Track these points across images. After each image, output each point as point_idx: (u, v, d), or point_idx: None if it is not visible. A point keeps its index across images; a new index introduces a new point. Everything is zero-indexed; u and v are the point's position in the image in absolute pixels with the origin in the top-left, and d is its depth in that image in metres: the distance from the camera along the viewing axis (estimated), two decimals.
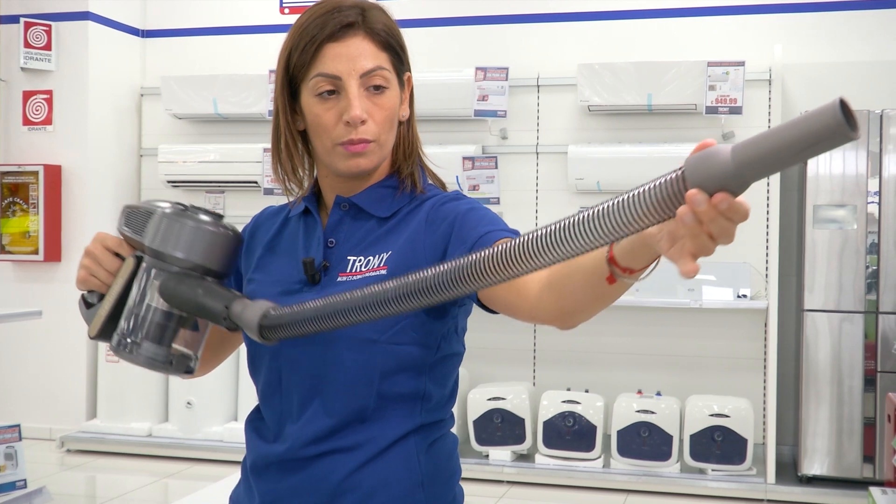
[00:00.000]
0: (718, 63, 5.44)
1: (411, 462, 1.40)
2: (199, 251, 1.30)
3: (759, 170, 0.86)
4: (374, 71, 1.40)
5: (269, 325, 1.21)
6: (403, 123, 1.49)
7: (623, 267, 1.08)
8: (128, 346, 1.33)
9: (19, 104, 6.34)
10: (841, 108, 0.80)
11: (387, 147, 1.44)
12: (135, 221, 1.38)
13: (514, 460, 5.40)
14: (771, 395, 5.23)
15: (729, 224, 0.90)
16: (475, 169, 5.77)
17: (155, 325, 1.32)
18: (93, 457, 5.90)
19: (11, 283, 6.35)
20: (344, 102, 1.39)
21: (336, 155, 1.41)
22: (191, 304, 1.30)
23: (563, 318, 1.24)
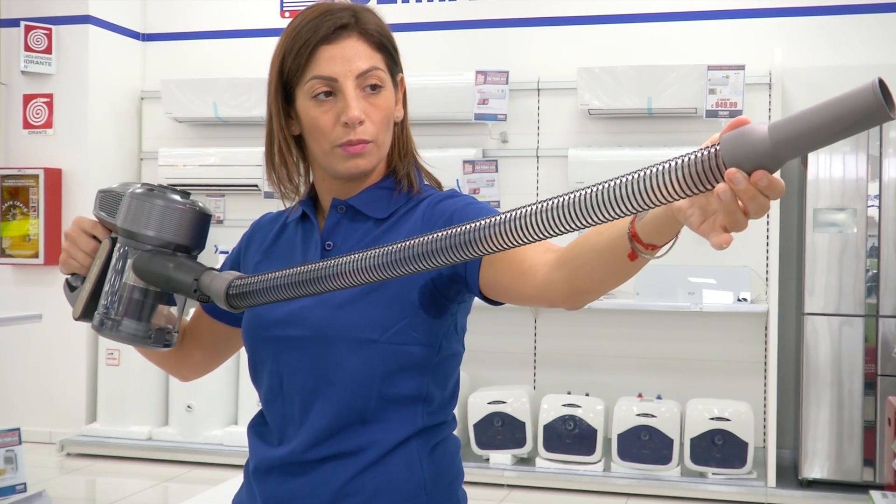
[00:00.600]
0: (718, 67, 5.44)
1: (414, 466, 1.40)
2: (168, 228, 1.35)
3: (796, 149, 0.87)
4: (370, 71, 1.40)
5: (235, 293, 1.26)
6: (397, 124, 1.49)
7: (646, 243, 1.08)
8: (109, 324, 1.39)
9: (20, 107, 6.35)
10: (880, 88, 0.81)
11: (384, 147, 1.44)
12: (107, 204, 1.43)
13: (515, 464, 5.40)
14: (771, 399, 5.22)
15: (766, 200, 0.91)
16: (475, 172, 5.77)
17: (133, 301, 1.38)
18: (93, 460, 5.90)
19: (11, 286, 6.34)
20: (341, 104, 1.39)
21: (335, 157, 1.41)
22: (162, 279, 1.35)
23: (574, 296, 1.23)
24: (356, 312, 1.37)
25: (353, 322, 1.37)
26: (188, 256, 1.38)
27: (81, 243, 1.44)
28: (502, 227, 1.02)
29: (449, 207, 1.41)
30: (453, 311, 1.44)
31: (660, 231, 1.06)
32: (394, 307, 1.37)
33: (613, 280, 1.19)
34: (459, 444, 1.52)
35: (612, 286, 1.21)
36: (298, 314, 1.40)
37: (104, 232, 1.45)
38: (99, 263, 1.42)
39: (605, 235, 1.13)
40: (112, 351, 6.01)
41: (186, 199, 1.38)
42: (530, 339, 5.95)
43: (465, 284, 1.37)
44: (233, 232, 6.08)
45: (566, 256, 1.22)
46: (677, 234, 1.07)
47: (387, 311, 1.37)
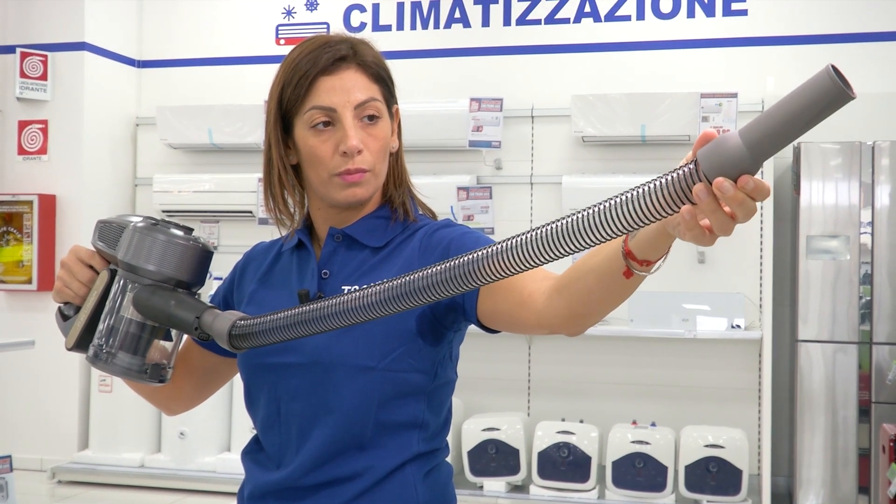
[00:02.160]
0: (711, 94, 5.48)
1: (409, 492, 1.40)
2: (170, 264, 1.35)
3: (770, 146, 0.91)
4: (368, 102, 1.42)
5: (238, 335, 1.26)
6: (392, 155, 1.51)
7: (640, 260, 1.10)
8: (103, 357, 1.37)
9: (14, 134, 6.36)
10: (835, 73, 0.85)
11: (381, 177, 1.46)
12: (108, 235, 1.42)
13: (509, 491, 5.37)
14: (766, 426, 5.22)
15: (753, 203, 0.94)
16: (470, 199, 5.78)
17: (129, 335, 1.36)
18: (84, 488, 5.86)
19: (4, 312, 6.32)
20: (340, 133, 1.41)
21: (332, 186, 1.43)
22: (163, 315, 1.34)
23: (574, 321, 1.24)
24: (354, 340, 1.38)
25: (351, 349, 1.38)
26: (188, 293, 1.38)
27: (78, 273, 1.43)
28: (500, 256, 1.03)
29: (446, 237, 1.42)
30: (449, 339, 1.45)
31: (654, 246, 1.08)
32: (391, 335, 1.38)
33: (611, 300, 1.19)
34: (452, 472, 1.53)
35: (610, 307, 1.22)
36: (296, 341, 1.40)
37: (102, 263, 1.44)
38: (96, 295, 1.41)
39: (601, 256, 1.15)
40: (105, 378, 5.99)
41: (189, 234, 1.38)
42: (524, 366, 5.95)
43: (462, 313, 1.38)
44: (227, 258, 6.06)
45: (564, 281, 1.23)
46: (669, 248, 1.09)
47: (385, 339, 1.38)
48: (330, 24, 6.39)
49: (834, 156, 5.19)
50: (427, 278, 1.07)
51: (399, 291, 1.09)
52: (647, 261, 1.10)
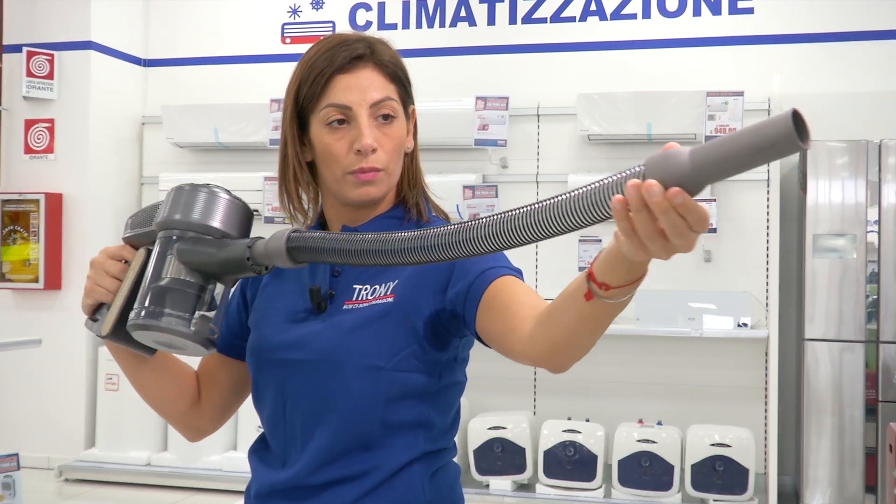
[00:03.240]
0: (718, 93, 5.47)
1: (416, 491, 1.40)
2: (213, 215, 1.29)
3: (714, 172, 0.91)
4: (383, 101, 1.43)
5: (295, 246, 1.19)
6: (407, 155, 1.51)
7: (599, 282, 1.08)
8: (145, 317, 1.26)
9: (21, 132, 6.37)
10: (794, 119, 0.85)
11: (395, 176, 1.46)
12: (141, 219, 1.39)
13: (515, 490, 5.37)
14: (772, 425, 5.21)
15: (681, 222, 0.91)
16: (475, 198, 5.78)
17: (175, 292, 1.27)
18: (91, 486, 5.87)
19: (11, 311, 6.34)
20: (354, 132, 1.41)
21: (346, 184, 1.43)
22: (212, 259, 1.27)
23: (554, 353, 1.23)
24: (364, 339, 1.38)
25: (360, 348, 1.37)
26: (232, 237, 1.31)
27: (109, 268, 1.39)
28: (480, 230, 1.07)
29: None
30: (455, 345, 1.46)
31: (610, 265, 1.06)
32: (400, 335, 1.38)
33: (584, 329, 1.17)
34: (459, 472, 1.53)
35: (585, 338, 1.19)
36: (305, 339, 1.41)
37: (133, 253, 1.40)
38: (132, 276, 1.36)
39: (576, 281, 1.14)
40: (111, 376, 6.00)
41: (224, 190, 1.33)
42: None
43: (463, 323, 1.38)
44: None
45: (545, 311, 1.22)
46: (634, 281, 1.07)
47: (393, 339, 1.38)
48: (336, 23, 6.39)
49: (841, 154, 5.17)
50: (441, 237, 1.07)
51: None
52: (605, 284, 1.08)
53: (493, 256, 1.38)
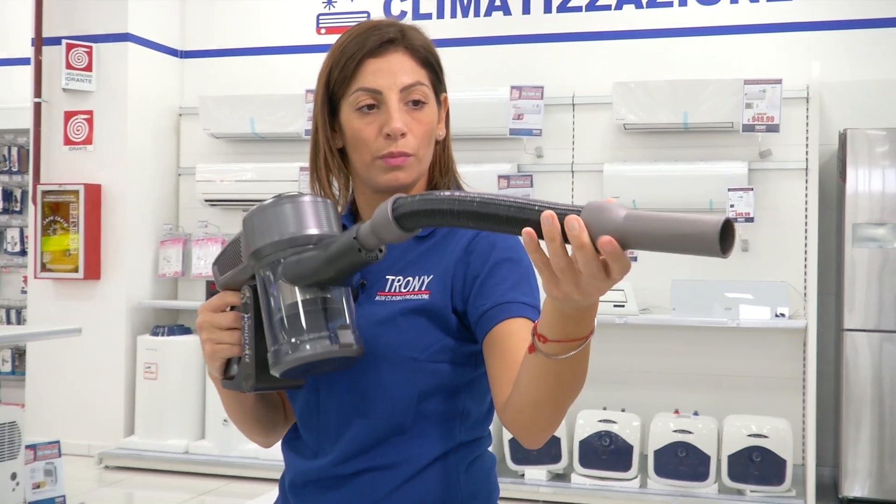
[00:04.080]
0: (755, 81, 5.41)
1: (451, 481, 1.39)
2: (298, 223, 1.23)
3: (637, 242, 0.95)
4: (414, 86, 1.41)
5: (403, 213, 1.11)
6: (439, 143, 1.50)
7: (538, 333, 1.11)
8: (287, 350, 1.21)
9: (61, 124, 6.44)
10: (723, 228, 0.90)
11: (425, 162, 1.45)
12: (228, 260, 1.35)
13: (550, 480, 5.37)
14: (810, 416, 5.16)
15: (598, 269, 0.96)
16: (510, 187, 5.77)
17: (301, 315, 1.22)
18: (131, 473, 5.95)
19: (52, 300, 6.42)
20: (384, 116, 1.40)
21: (375, 169, 1.42)
22: (321, 264, 1.20)
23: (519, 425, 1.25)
24: (398, 331, 1.36)
25: (394, 340, 1.36)
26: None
27: (219, 321, 1.35)
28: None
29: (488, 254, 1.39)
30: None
31: (546, 317, 1.09)
32: (433, 330, 1.37)
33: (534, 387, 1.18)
34: (495, 461, 1.51)
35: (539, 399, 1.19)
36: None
37: (237, 296, 1.34)
38: (249, 321, 1.30)
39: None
40: (150, 365, 6.07)
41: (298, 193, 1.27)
42: None
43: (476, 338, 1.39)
44: None
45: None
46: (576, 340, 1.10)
47: (427, 333, 1.37)
48: (370, 13, 6.40)
49: (881, 142, 5.11)
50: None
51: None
52: (542, 335, 1.10)
53: (515, 280, 1.36)
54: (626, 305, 5.46)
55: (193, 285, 6.55)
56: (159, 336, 6.10)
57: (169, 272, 6.45)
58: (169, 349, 6.06)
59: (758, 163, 5.61)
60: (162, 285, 6.60)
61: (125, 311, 6.30)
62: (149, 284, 6.49)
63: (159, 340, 6.08)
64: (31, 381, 6.51)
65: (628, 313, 5.46)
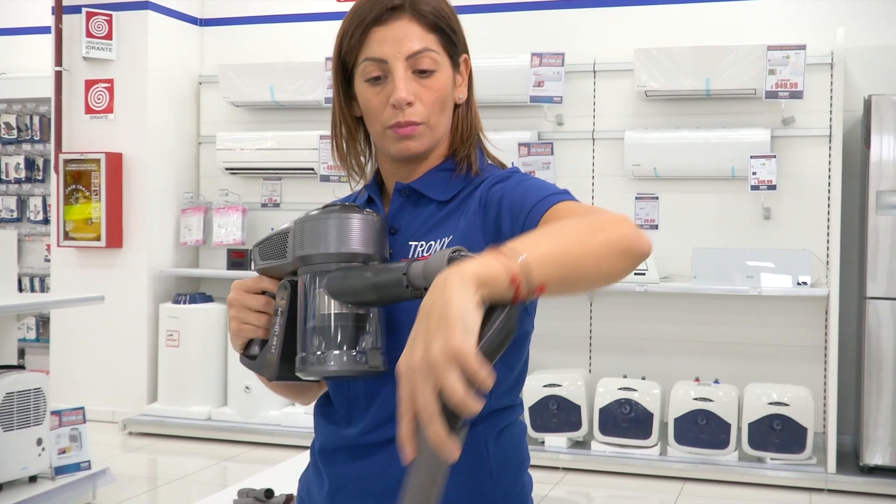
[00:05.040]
0: (778, 47, 5.35)
1: (481, 451, 1.38)
2: (352, 239, 1.25)
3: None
4: (421, 53, 1.38)
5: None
6: (462, 106, 1.48)
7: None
8: (313, 361, 1.24)
9: (81, 93, 6.46)
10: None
11: (438, 129, 1.43)
12: (271, 250, 1.35)
13: (570, 447, 5.39)
14: (832, 384, 5.15)
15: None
16: (531, 155, 5.75)
17: (334, 329, 1.24)
18: (154, 439, 6.01)
19: (75, 268, 6.47)
20: (391, 86, 1.38)
21: (386, 139, 1.41)
22: (366, 288, 1.22)
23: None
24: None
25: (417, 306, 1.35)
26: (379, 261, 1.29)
27: (250, 302, 1.36)
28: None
29: (500, 190, 1.38)
30: None
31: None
32: None
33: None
34: (525, 430, 1.50)
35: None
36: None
37: (272, 283, 1.36)
38: (283, 313, 1.32)
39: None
40: (172, 332, 6.11)
41: (355, 209, 1.28)
42: (586, 323, 5.93)
43: None
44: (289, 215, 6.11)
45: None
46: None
47: None
48: None
49: None
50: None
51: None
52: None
53: (536, 187, 1.33)
54: (646, 273, 5.45)
55: (214, 253, 6.58)
56: (181, 304, 6.14)
57: (190, 240, 6.48)
58: (191, 317, 6.11)
59: (780, 130, 5.56)
60: (183, 253, 6.64)
61: (147, 279, 6.34)
62: (170, 252, 6.53)
63: (181, 308, 6.12)
64: (56, 348, 6.58)
65: (649, 281, 5.45)
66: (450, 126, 1.46)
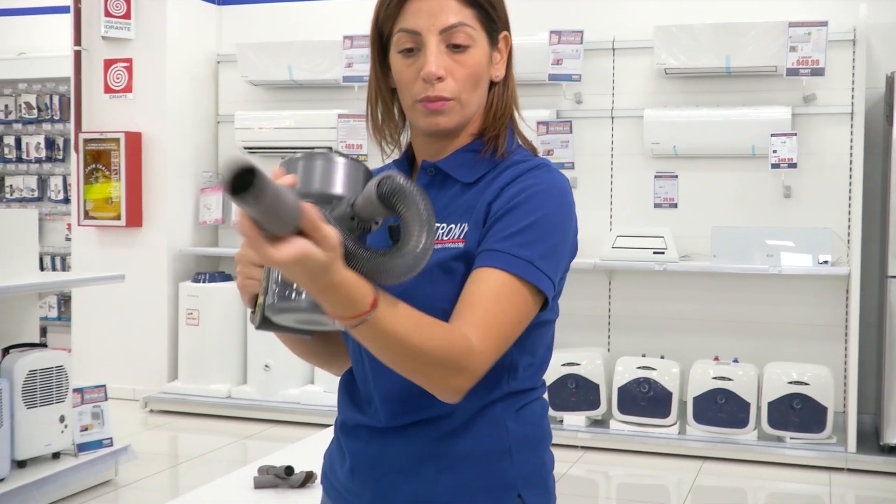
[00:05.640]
0: (800, 23, 5.30)
1: (499, 430, 1.38)
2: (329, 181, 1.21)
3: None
4: (456, 27, 1.36)
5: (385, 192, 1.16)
6: (498, 84, 1.46)
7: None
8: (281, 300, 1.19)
9: (101, 72, 6.47)
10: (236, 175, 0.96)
11: (470, 107, 1.41)
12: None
13: (589, 426, 5.40)
14: (852, 363, 5.13)
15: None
16: (549, 134, 5.73)
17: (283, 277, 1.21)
18: (175, 417, 6.06)
19: (95, 247, 6.51)
20: (422, 59, 1.37)
21: (416, 112, 1.40)
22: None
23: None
24: (436, 284, 1.34)
25: (434, 293, 1.33)
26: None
27: (253, 257, 1.33)
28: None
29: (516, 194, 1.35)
30: None
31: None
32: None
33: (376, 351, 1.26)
34: (547, 407, 1.49)
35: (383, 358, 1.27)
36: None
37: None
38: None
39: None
40: (192, 311, 6.14)
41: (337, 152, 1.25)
42: (605, 302, 5.92)
43: None
44: None
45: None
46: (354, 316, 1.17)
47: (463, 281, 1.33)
48: None
49: None
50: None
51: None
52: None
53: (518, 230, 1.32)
54: (665, 252, 5.43)
55: (234, 232, 6.60)
56: (200, 283, 6.17)
57: (209, 219, 6.50)
58: (210, 295, 6.14)
59: (801, 107, 5.51)
60: (202, 232, 6.66)
61: (167, 258, 6.37)
62: (190, 231, 6.55)
63: (201, 287, 6.15)
64: (77, 326, 6.63)
65: (668, 260, 5.43)
66: (483, 104, 1.44)
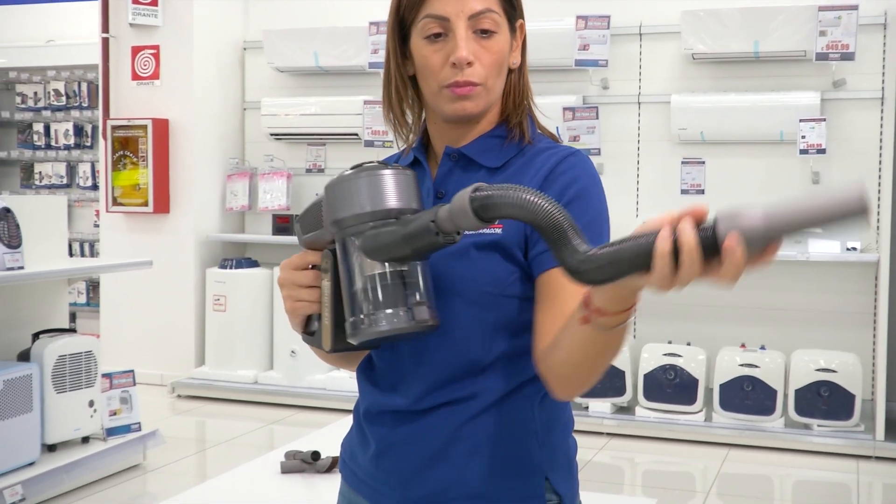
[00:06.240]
0: (830, 7, 5.24)
1: (526, 413, 1.39)
2: (381, 196, 1.23)
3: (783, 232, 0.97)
4: (483, 13, 1.38)
5: (481, 206, 1.11)
6: (514, 72, 1.47)
7: (596, 308, 1.12)
8: (365, 323, 1.23)
9: (128, 59, 6.51)
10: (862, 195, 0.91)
11: (494, 92, 1.42)
12: (309, 221, 1.36)
13: (614, 412, 5.39)
14: (881, 351, 5.08)
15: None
16: (576, 119, 5.71)
17: (378, 290, 1.23)
18: (202, 402, 6.11)
19: (123, 233, 6.56)
20: (451, 44, 1.37)
21: (442, 98, 1.40)
22: (398, 243, 1.21)
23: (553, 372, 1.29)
24: (472, 265, 1.35)
25: (468, 275, 1.35)
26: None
27: (300, 279, 1.36)
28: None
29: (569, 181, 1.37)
30: None
31: (613, 296, 1.10)
32: (505, 262, 1.35)
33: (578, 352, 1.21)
34: None
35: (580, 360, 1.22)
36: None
37: (318, 255, 1.35)
38: (328, 283, 1.31)
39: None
40: (219, 297, 6.18)
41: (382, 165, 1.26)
42: None
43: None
44: None
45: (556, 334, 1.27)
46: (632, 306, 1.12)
47: (500, 266, 1.35)
48: None
49: None
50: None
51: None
52: (602, 310, 1.12)
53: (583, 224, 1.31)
54: None
55: (260, 219, 6.63)
56: (227, 269, 6.20)
57: (236, 206, 6.53)
58: (237, 282, 6.17)
59: (831, 92, 5.46)
60: (229, 219, 6.69)
61: (194, 244, 6.41)
62: (216, 218, 6.59)
63: (227, 273, 6.19)
64: (106, 312, 6.69)
65: None
66: (502, 91, 1.45)
